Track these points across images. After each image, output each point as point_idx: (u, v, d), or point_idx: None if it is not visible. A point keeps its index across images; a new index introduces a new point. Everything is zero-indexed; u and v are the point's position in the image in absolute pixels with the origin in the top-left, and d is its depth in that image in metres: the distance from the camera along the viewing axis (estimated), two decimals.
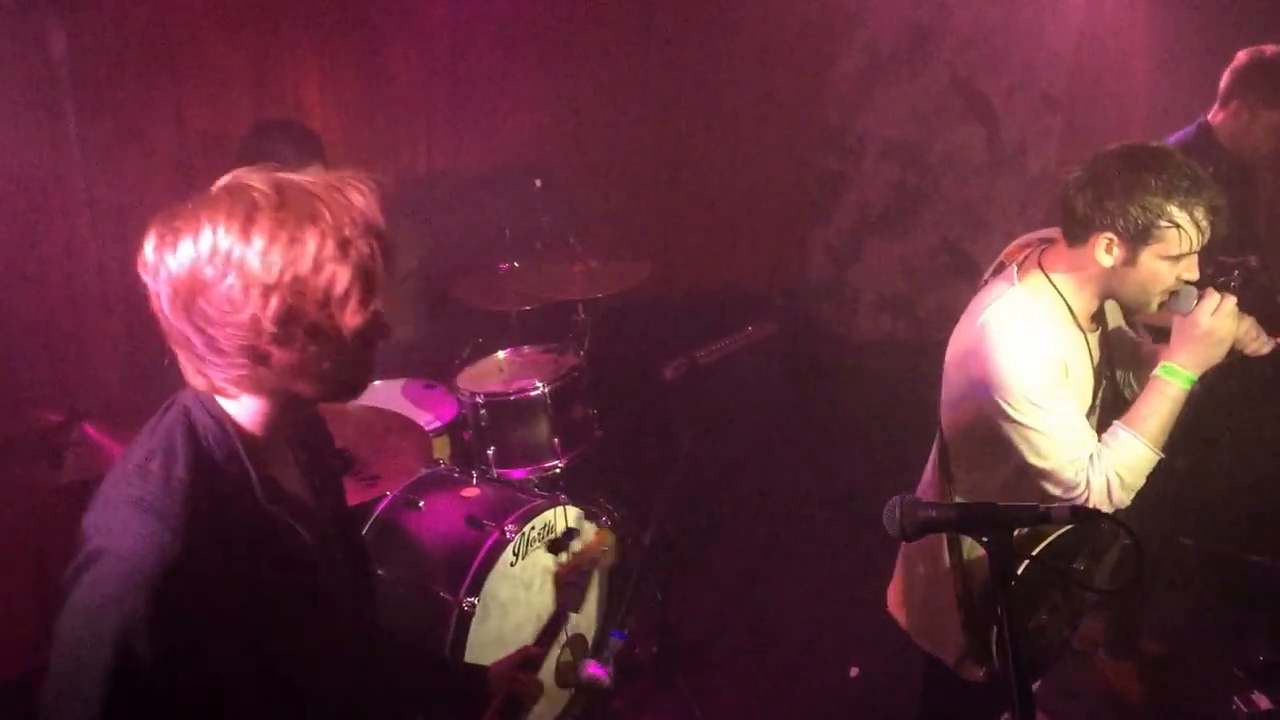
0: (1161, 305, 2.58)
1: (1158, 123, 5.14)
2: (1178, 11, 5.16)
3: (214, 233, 1.50)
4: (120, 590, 1.50)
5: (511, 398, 4.09)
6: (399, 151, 5.12)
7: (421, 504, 3.58)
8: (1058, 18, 5.87)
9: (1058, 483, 2.58)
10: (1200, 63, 4.05)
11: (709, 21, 6.06)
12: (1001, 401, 2.55)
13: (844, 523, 4.94)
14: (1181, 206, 2.43)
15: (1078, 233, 2.55)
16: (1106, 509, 2.57)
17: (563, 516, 3.70)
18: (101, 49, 3.87)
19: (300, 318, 1.54)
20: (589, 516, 3.71)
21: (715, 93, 6.21)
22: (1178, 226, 2.43)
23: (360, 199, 1.57)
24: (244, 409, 1.66)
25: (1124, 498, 2.59)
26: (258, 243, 1.50)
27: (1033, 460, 2.58)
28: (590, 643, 3.88)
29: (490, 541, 3.37)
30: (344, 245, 1.54)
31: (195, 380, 1.63)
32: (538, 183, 5.03)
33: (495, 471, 4.06)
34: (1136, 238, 2.46)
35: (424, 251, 4.70)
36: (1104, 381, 2.77)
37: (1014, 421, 2.56)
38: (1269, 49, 3.74)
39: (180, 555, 1.51)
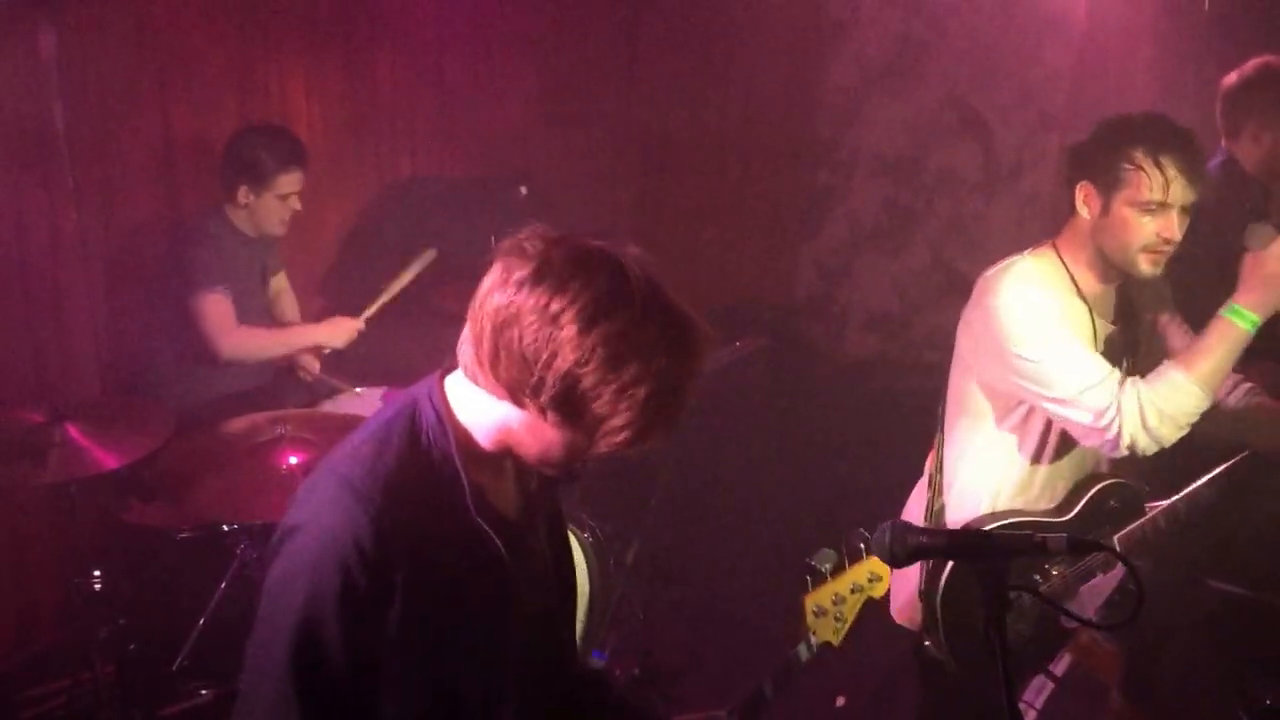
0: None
1: None
2: (1181, 31, 5.27)
3: (567, 302, 1.58)
4: (315, 561, 1.67)
5: None
6: (384, 157, 5.25)
7: None
8: (1057, 35, 5.99)
9: (1083, 409, 2.65)
10: (1204, 83, 4.13)
11: (696, 30, 6.18)
12: (1009, 344, 2.70)
13: (830, 543, 5.02)
14: (1147, 152, 2.59)
15: (1068, 192, 2.74)
16: (1144, 440, 2.64)
17: None
18: (89, 49, 3.99)
19: (569, 412, 1.64)
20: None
21: (703, 102, 6.32)
22: (1140, 169, 2.59)
23: (697, 363, 1.65)
24: (481, 416, 1.76)
25: (1165, 432, 2.63)
26: (589, 341, 1.57)
27: (1051, 394, 2.67)
28: None
29: None
30: (651, 397, 1.61)
31: (465, 362, 1.74)
32: (523, 190, 5.17)
33: None
34: (1108, 184, 2.64)
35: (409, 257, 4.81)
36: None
37: (1020, 358, 2.68)
38: (1251, 66, 3.74)
39: (373, 538, 1.66)
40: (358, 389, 4.27)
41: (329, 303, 4.84)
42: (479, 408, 1.76)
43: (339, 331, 4.28)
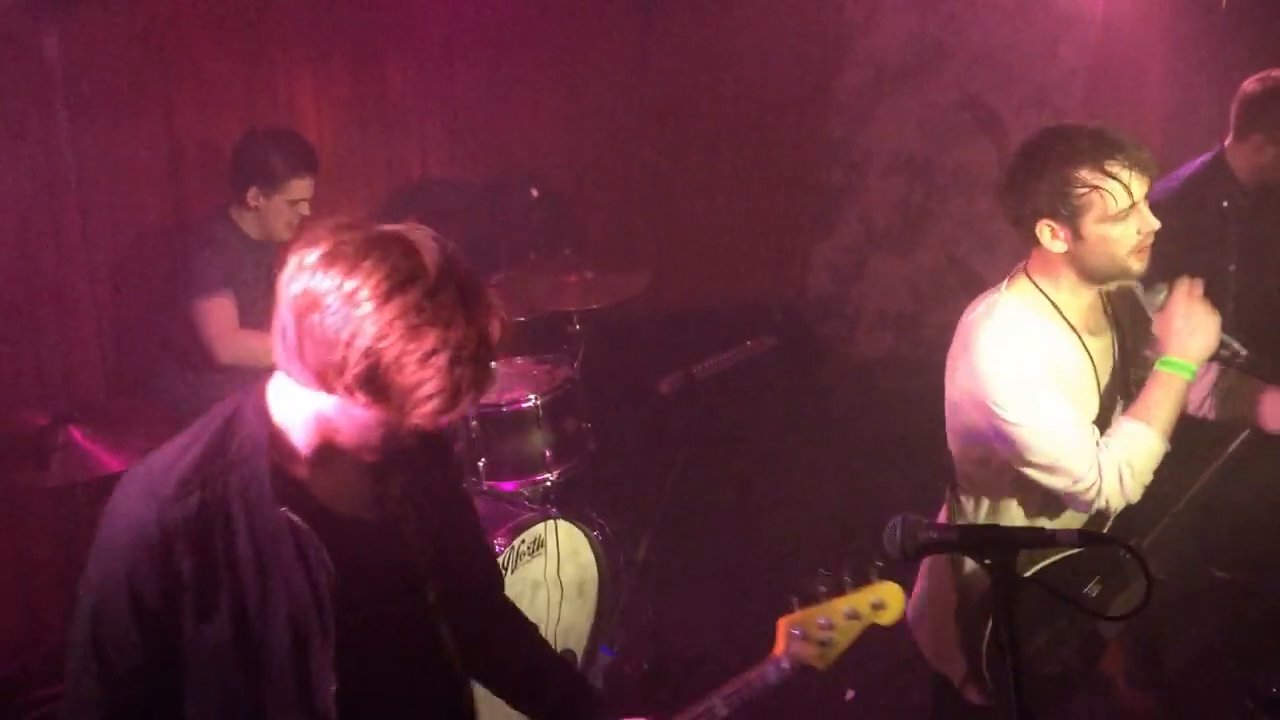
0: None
1: (1174, 143, 5.24)
2: (1196, 30, 5.24)
3: (362, 280, 1.62)
4: (108, 546, 1.77)
5: (504, 409, 4.14)
6: (393, 161, 5.24)
7: None
8: (1072, 34, 5.96)
9: (1066, 476, 2.59)
10: (1218, 82, 4.08)
11: (708, 29, 6.16)
12: (991, 404, 2.60)
13: (840, 541, 5.00)
14: (1092, 168, 2.49)
15: (1025, 232, 2.63)
16: (1118, 501, 2.60)
17: (553, 530, 3.81)
18: (95, 53, 3.99)
19: (376, 388, 1.66)
20: None
21: (715, 100, 6.31)
22: (1096, 188, 2.49)
23: (497, 331, 1.69)
24: (298, 411, 1.79)
25: (1135, 490, 2.61)
26: (386, 314, 1.61)
27: (1032, 460, 2.60)
28: (579, 659, 3.99)
29: None
30: (454, 363, 1.64)
31: (280, 364, 1.76)
32: (534, 192, 5.15)
33: (485, 483, 4.12)
34: (1069, 214, 2.53)
35: None
36: (1118, 395, 2.80)
37: (1006, 421, 2.59)
38: (1276, 75, 3.67)
39: (158, 529, 1.73)
40: None
41: None
42: (295, 403, 1.80)
43: None
